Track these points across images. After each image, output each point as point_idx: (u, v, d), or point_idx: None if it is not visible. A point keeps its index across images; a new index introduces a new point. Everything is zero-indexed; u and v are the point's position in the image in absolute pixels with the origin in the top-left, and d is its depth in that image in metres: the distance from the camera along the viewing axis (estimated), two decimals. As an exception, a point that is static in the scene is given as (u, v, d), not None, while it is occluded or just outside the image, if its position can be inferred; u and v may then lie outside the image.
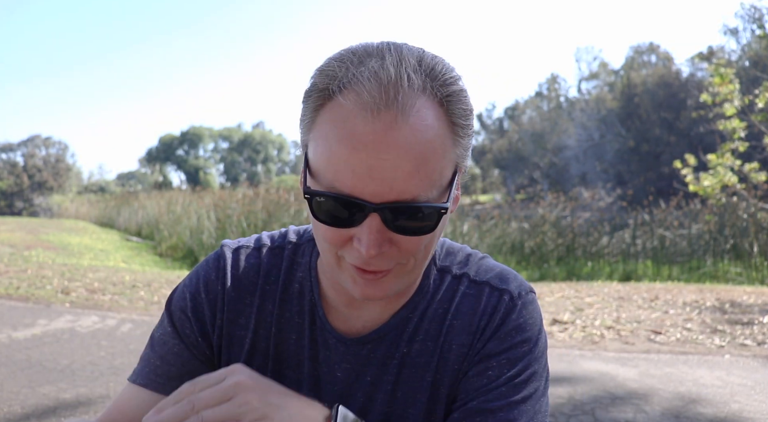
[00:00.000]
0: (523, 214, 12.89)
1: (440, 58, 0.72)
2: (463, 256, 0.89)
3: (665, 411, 3.36)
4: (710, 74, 10.14)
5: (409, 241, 0.69)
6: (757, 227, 9.54)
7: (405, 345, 0.83)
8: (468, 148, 0.73)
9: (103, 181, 55.71)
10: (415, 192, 0.65)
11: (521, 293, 0.84)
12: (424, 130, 0.65)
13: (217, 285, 0.86)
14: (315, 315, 0.85)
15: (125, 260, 10.88)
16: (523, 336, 0.80)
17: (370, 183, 0.64)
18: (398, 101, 0.64)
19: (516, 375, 0.78)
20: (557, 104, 47.19)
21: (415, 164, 0.64)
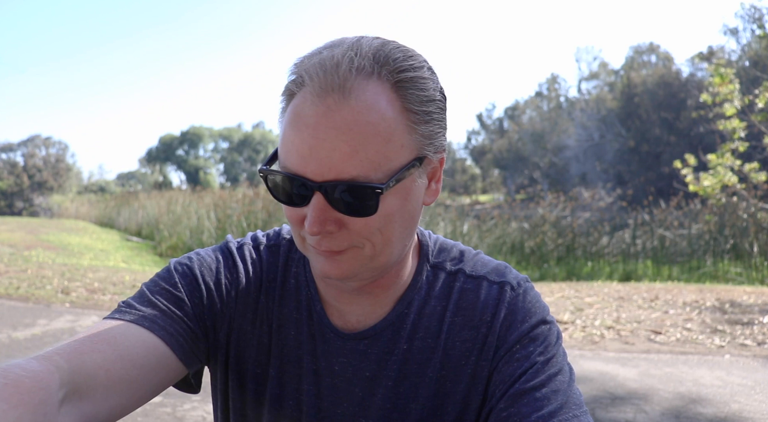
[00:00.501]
0: (523, 214, 12.90)
1: (406, 48, 0.74)
2: (457, 253, 0.90)
3: (665, 411, 3.36)
4: (710, 74, 10.15)
5: (356, 223, 0.70)
6: (757, 227, 9.54)
7: (405, 341, 0.84)
8: (432, 136, 0.74)
9: (103, 181, 55.71)
10: (353, 172, 0.67)
11: (520, 283, 0.86)
12: (365, 113, 0.67)
13: (228, 275, 0.86)
14: (312, 309, 0.87)
15: (125, 260, 10.88)
16: (537, 318, 0.83)
17: (311, 162, 0.68)
18: (342, 83, 0.67)
19: (543, 352, 0.80)
20: (557, 104, 47.18)
21: (353, 145, 0.66)
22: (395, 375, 0.84)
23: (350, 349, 0.84)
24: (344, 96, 0.67)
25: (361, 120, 0.67)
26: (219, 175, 65.40)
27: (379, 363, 0.84)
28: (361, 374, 0.84)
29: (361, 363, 0.84)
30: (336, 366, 0.85)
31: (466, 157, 56.51)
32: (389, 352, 0.84)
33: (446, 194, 36.67)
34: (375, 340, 0.84)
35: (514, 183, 45.38)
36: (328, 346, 0.85)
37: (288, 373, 0.86)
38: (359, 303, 0.84)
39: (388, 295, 0.85)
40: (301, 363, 0.86)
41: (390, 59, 0.70)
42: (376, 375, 0.84)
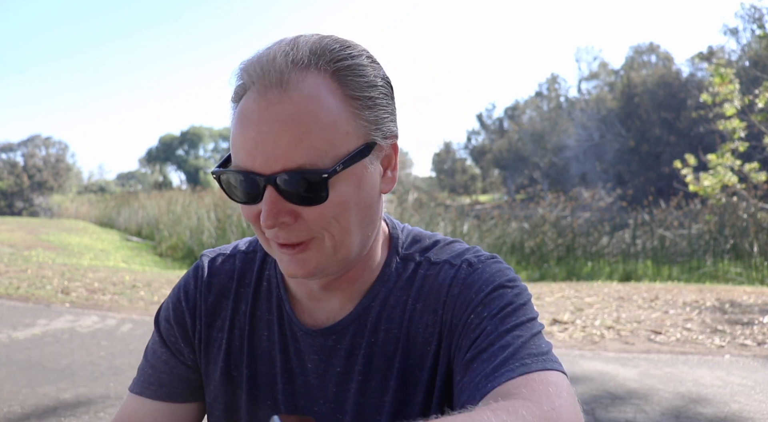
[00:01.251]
0: (523, 214, 12.90)
1: (344, 39, 0.76)
2: (429, 242, 0.88)
3: (665, 411, 3.36)
4: (710, 74, 10.15)
5: (310, 212, 0.71)
6: (757, 227, 9.54)
7: (370, 334, 0.84)
8: (378, 122, 0.74)
9: (103, 181, 55.71)
10: (299, 161, 0.68)
11: (481, 258, 0.83)
12: (306, 102, 0.69)
13: (195, 293, 0.91)
14: (282, 309, 0.88)
15: (125, 260, 10.88)
16: (492, 285, 0.78)
17: (258, 156, 0.69)
18: (279, 77, 0.69)
19: (498, 312, 0.75)
20: (557, 104, 47.19)
21: (296, 134, 0.68)
22: (364, 369, 0.83)
23: (320, 346, 0.85)
24: (284, 89, 0.69)
25: (302, 109, 0.68)
26: (219, 175, 65.30)
27: (348, 357, 0.84)
28: (333, 370, 0.84)
29: (332, 359, 0.84)
30: (309, 363, 0.85)
31: (466, 157, 56.54)
32: (357, 346, 0.84)
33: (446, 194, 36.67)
34: (342, 335, 0.84)
35: (514, 183, 45.38)
36: (299, 344, 0.86)
37: (262, 373, 0.87)
38: (328, 299, 0.85)
39: (355, 289, 0.84)
40: (275, 362, 0.87)
41: (326, 50, 0.72)
42: (346, 370, 0.84)
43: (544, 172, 41.40)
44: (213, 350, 0.90)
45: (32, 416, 3.15)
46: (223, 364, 0.89)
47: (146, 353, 0.94)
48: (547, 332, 5.21)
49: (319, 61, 0.71)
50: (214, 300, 0.90)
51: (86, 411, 3.25)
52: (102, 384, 3.69)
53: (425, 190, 24.79)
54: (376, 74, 0.75)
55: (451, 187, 51.75)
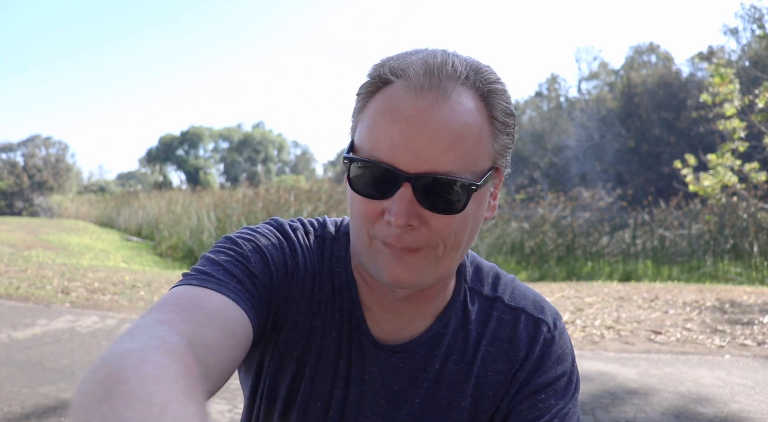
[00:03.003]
0: (523, 214, 12.90)
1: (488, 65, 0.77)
2: (493, 277, 0.91)
3: (665, 411, 3.36)
4: (710, 74, 10.15)
5: (438, 220, 0.71)
6: (757, 227, 9.54)
7: (438, 362, 0.84)
8: (506, 148, 0.76)
9: (103, 181, 55.69)
10: (448, 167, 0.68)
11: (556, 322, 0.88)
12: (463, 113, 0.70)
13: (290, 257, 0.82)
14: (353, 314, 0.85)
15: (125, 260, 10.88)
16: (565, 367, 0.85)
17: (406, 153, 0.68)
18: (441, 83, 0.69)
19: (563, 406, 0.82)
20: (557, 104, 47.17)
21: (451, 141, 0.68)
22: (424, 394, 0.84)
23: (383, 360, 0.84)
24: (444, 95, 0.69)
25: (459, 119, 0.69)
26: (219, 175, 65.37)
27: (409, 378, 0.84)
28: (390, 387, 0.84)
29: (392, 377, 0.84)
30: (366, 374, 0.84)
31: (466, 157, 56.54)
32: (422, 370, 0.84)
33: (446, 194, 36.55)
34: (409, 355, 0.84)
35: (514, 183, 45.37)
36: (363, 354, 0.84)
37: (322, 375, 0.85)
38: (399, 312, 0.83)
39: (429, 308, 0.84)
40: (337, 366, 0.85)
41: (480, 69, 0.73)
42: (404, 390, 0.84)
43: (544, 172, 41.40)
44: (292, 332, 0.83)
45: (32, 416, 3.15)
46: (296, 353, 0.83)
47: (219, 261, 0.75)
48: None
49: (476, 79, 0.72)
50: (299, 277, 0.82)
51: (86, 411, 3.25)
52: (102, 384, 3.69)
53: (425, 190, 24.73)
54: (512, 105, 0.78)
55: (451, 187, 51.65)
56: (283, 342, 0.83)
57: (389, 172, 0.69)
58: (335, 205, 11.80)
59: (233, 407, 3.38)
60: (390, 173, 0.69)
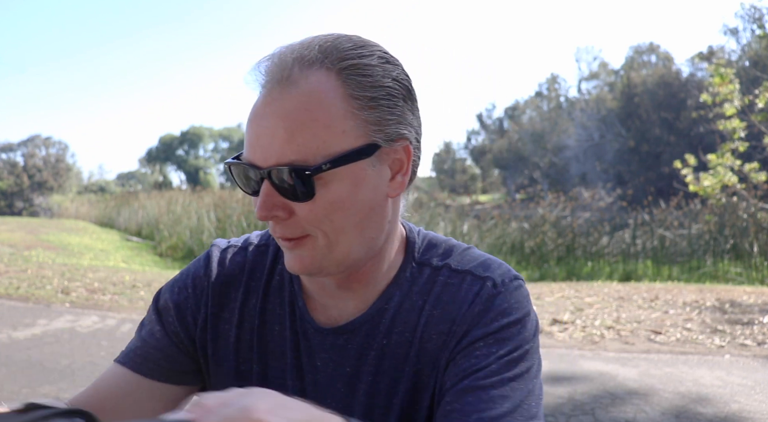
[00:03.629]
0: (523, 214, 12.90)
1: (361, 39, 0.77)
2: (446, 248, 0.88)
3: (665, 411, 3.36)
4: (710, 74, 10.15)
5: (301, 208, 0.73)
6: (757, 227, 9.54)
7: (383, 336, 0.83)
8: (381, 123, 0.74)
9: (103, 181, 55.68)
10: (291, 156, 0.70)
11: (505, 280, 0.82)
12: (305, 99, 0.71)
13: (204, 281, 0.91)
14: (295, 305, 0.87)
15: (125, 260, 10.88)
16: (510, 319, 0.79)
17: (257, 149, 0.72)
18: (285, 76, 0.72)
19: (506, 354, 0.76)
20: (557, 104, 47.18)
21: (290, 131, 0.70)
22: (373, 371, 0.83)
23: (330, 344, 0.84)
24: (287, 85, 0.71)
25: (300, 106, 0.70)
26: (219, 175, 65.31)
27: (358, 358, 0.84)
28: (342, 370, 0.84)
29: (342, 359, 0.84)
30: (318, 362, 0.85)
31: (466, 157, 56.53)
32: (368, 347, 0.84)
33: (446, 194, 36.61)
34: (353, 335, 0.84)
35: (514, 183, 45.37)
36: (310, 342, 0.86)
37: (273, 369, 0.87)
38: (341, 297, 0.85)
39: (368, 291, 0.84)
40: (285, 358, 0.87)
41: (336, 49, 0.73)
42: (356, 370, 0.84)
43: (544, 172, 41.40)
44: (221, 342, 0.89)
45: (32, 416, 3.15)
46: (233, 358, 0.88)
47: (139, 328, 0.94)
48: (547, 332, 5.21)
49: (326, 59, 0.72)
50: (222, 290, 0.90)
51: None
52: (102, 384, 3.69)
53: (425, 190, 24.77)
54: (386, 74, 0.75)
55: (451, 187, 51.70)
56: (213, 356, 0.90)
57: (249, 170, 0.73)
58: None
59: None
60: (250, 171, 0.73)
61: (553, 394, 3.57)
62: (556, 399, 3.49)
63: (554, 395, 3.56)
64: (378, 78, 0.74)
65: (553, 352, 4.56)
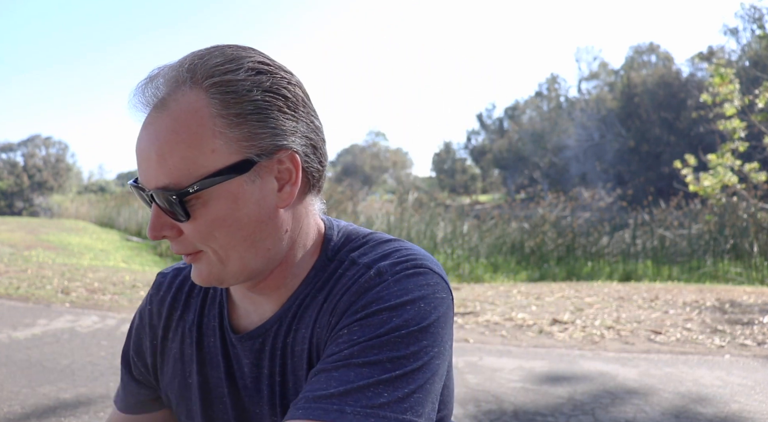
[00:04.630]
0: (523, 214, 12.90)
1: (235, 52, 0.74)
2: (360, 242, 0.85)
3: (665, 411, 3.36)
4: (710, 74, 10.15)
5: (185, 228, 0.74)
6: (757, 227, 9.54)
7: (286, 335, 0.83)
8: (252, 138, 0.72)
9: (103, 181, 55.68)
10: (164, 180, 0.71)
11: (397, 269, 0.75)
12: (172, 123, 0.71)
13: (150, 313, 0.96)
14: (222, 316, 0.90)
15: (125, 260, 10.88)
16: (383, 305, 0.71)
17: (141, 174, 0.74)
18: (157, 97, 0.73)
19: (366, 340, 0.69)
20: (557, 104, 47.18)
21: (158, 154, 0.71)
22: (281, 370, 0.84)
23: (250, 349, 0.86)
24: (159, 108, 0.72)
25: (169, 128, 0.71)
26: (219, 174, 65.27)
27: (271, 359, 0.84)
28: (262, 372, 0.85)
29: (261, 362, 0.85)
30: (245, 367, 0.87)
31: (466, 157, 56.52)
32: (277, 348, 0.84)
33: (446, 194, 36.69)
34: (266, 337, 0.85)
35: (514, 183, 45.37)
36: (236, 349, 0.87)
37: (212, 378, 0.90)
38: (260, 302, 0.86)
39: (281, 293, 0.84)
40: (220, 367, 0.89)
41: (204, 66, 0.72)
42: (271, 371, 0.85)
43: (544, 172, 41.40)
44: (168, 361, 0.94)
45: (32, 416, 3.15)
46: (180, 373, 0.92)
47: (121, 370, 1.04)
48: (547, 332, 5.22)
49: (193, 78, 0.72)
50: (168, 314, 0.94)
51: (86, 411, 3.25)
52: (102, 384, 3.69)
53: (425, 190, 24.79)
54: (254, 87, 0.72)
55: (451, 187, 51.74)
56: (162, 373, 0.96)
57: (140, 192, 0.76)
58: (335, 205, 11.80)
59: None
60: (141, 193, 0.76)
61: (552, 394, 3.57)
62: (556, 399, 3.50)
63: (554, 395, 3.56)
64: (243, 93, 0.71)
65: (553, 352, 4.56)
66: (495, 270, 10.29)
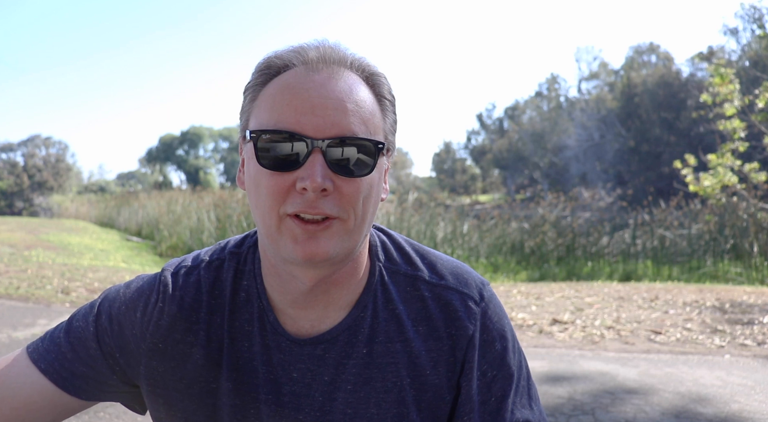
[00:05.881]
0: (523, 214, 12.89)
1: None
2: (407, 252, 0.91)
3: (665, 411, 3.36)
4: (710, 74, 10.14)
5: (349, 185, 0.72)
6: (757, 227, 9.53)
7: (364, 345, 0.83)
8: (393, 129, 0.80)
9: (103, 181, 55.68)
10: (354, 129, 0.72)
11: (482, 293, 0.88)
12: (355, 87, 0.75)
13: (154, 309, 0.87)
14: (265, 320, 0.86)
15: (125, 260, 10.87)
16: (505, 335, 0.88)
17: (313, 118, 0.70)
18: (334, 64, 0.75)
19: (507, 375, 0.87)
20: (557, 104, 47.15)
21: (352, 107, 0.72)
22: (354, 380, 0.83)
23: (307, 355, 0.84)
24: (337, 72, 0.75)
25: (355, 90, 0.74)
26: (219, 175, 65.34)
27: (337, 367, 0.84)
28: (320, 379, 0.84)
29: (320, 368, 0.84)
30: (295, 373, 0.85)
31: (466, 157, 56.50)
32: (347, 356, 0.84)
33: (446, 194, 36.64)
34: (331, 344, 0.84)
35: (514, 183, 45.36)
36: (285, 355, 0.85)
37: (245, 384, 0.86)
38: (313, 307, 0.84)
39: (342, 296, 0.84)
40: (257, 374, 0.86)
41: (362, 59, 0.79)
42: (334, 379, 0.84)
43: (544, 172, 41.39)
44: (188, 365, 0.87)
45: (32, 416, 3.15)
46: (203, 378, 0.86)
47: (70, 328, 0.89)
48: (547, 332, 5.21)
49: (359, 66, 0.78)
50: (182, 315, 0.87)
51: (86, 411, 3.25)
52: (102, 384, 3.69)
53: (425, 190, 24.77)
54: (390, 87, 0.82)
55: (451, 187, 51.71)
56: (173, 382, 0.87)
57: (299, 139, 0.70)
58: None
59: None
60: (299, 140, 0.70)
61: (553, 394, 3.57)
62: (556, 399, 3.49)
63: (554, 395, 3.56)
64: (390, 88, 0.81)
65: (553, 352, 4.56)
66: (495, 270, 10.29)
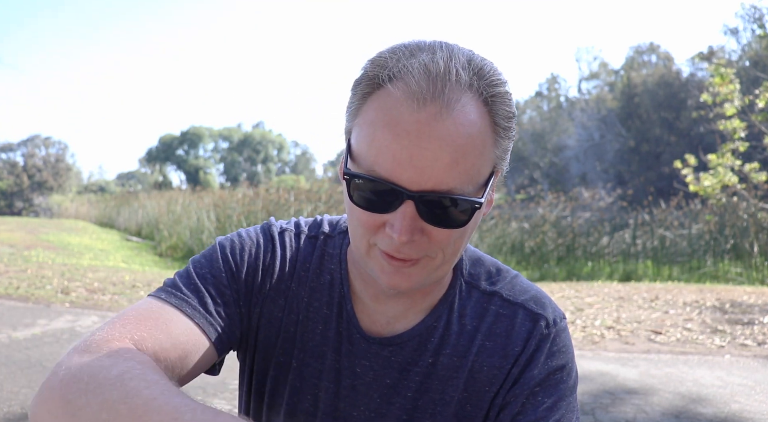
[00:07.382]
0: (523, 214, 12.89)
1: (489, 60, 0.73)
2: (493, 270, 0.89)
3: (665, 411, 3.36)
4: (710, 74, 10.14)
5: (440, 233, 0.70)
6: (757, 227, 9.53)
7: (430, 355, 0.83)
8: (507, 150, 0.74)
9: (103, 181, 55.70)
10: (451, 184, 0.67)
11: (556, 320, 0.85)
12: (467, 125, 0.67)
13: (268, 259, 0.86)
14: (343, 307, 0.85)
15: (125, 260, 10.87)
16: (560, 362, 0.82)
17: (409, 170, 0.66)
18: (444, 94, 0.66)
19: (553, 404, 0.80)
20: (557, 104, 47.14)
21: (454, 157, 0.66)
22: (416, 387, 0.83)
23: (374, 353, 0.84)
24: (447, 106, 0.66)
25: (462, 132, 0.66)
26: (219, 175, 65.35)
27: (401, 372, 0.83)
28: (382, 380, 0.84)
29: (383, 370, 0.84)
30: (358, 368, 0.84)
31: (466, 157, 56.47)
32: (413, 363, 0.83)
33: (446, 194, 36.48)
34: (400, 348, 0.83)
35: (514, 183, 45.35)
36: (353, 347, 0.84)
37: (309, 366, 0.85)
38: (394, 305, 0.83)
39: (424, 301, 0.84)
40: (324, 359, 0.85)
41: (483, 72, 0.69)
42: (396, 384, 0.83)
43: (544, 171, 41.38)
44: (272, 329, 0.85)
45: (32, 416, 3.15)
46: (275, 348, 0.86)
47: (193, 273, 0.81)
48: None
49: (480, 84, 0.68)
50: (280, 276, 0.86)
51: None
52: (102, 384, 3.69)
53: (425, 190, 24.61)
54: (514, 104, 0.75)
55: (451, 187, 51.59)
56: (264, 338, 0.86)
57: (392, 188, 0.67)
58: (335, 205, 11.80)
59: (233, 407, 3.38)
60: (392, 190, 0.67)
61: (553, 394, 3.58)
62: (556, 399, 3.49)
63: (554, 395, 3.56)
64: (513, 108, 0.73)
65: None
66: (495, 270, 10.28)
